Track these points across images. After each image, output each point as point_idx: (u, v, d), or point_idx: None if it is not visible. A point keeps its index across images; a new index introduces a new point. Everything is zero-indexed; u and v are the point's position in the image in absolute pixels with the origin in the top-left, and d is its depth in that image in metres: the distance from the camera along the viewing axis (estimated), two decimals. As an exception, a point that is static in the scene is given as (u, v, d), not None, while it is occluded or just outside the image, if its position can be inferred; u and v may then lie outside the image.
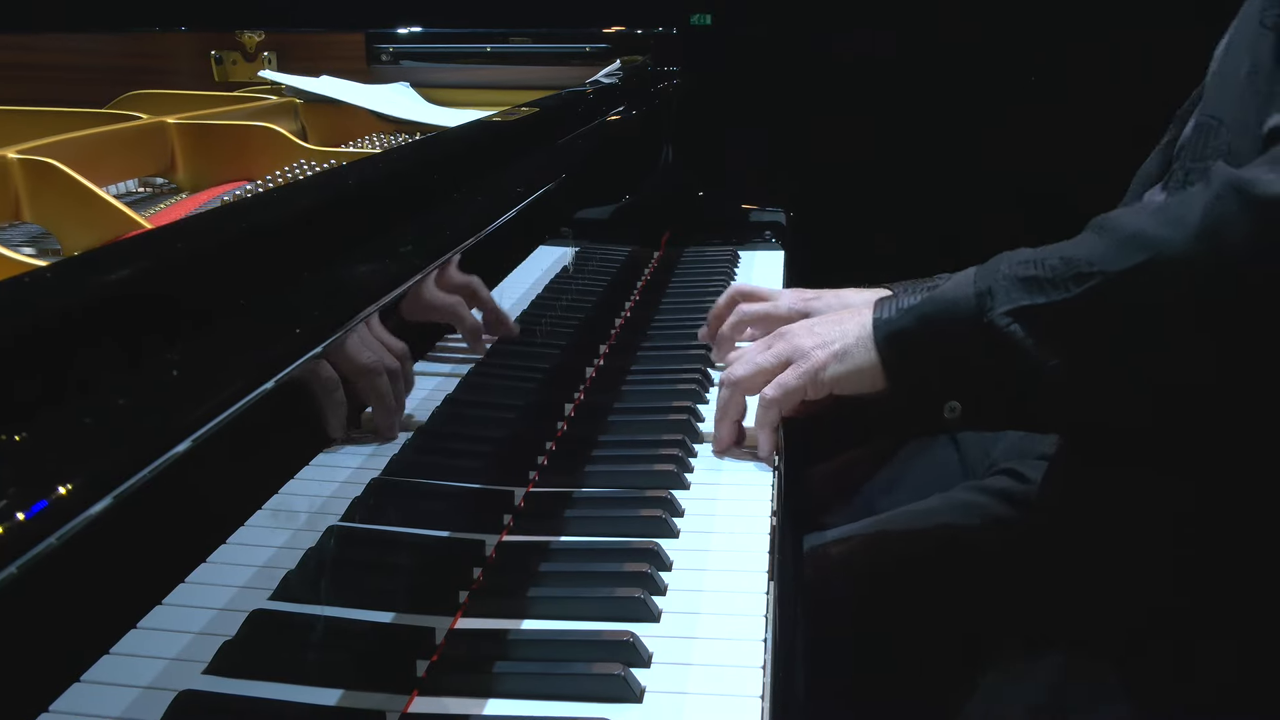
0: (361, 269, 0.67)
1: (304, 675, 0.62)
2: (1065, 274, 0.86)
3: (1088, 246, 0.86)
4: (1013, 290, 0.88)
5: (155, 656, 0.51)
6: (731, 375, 1.01)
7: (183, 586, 0.52)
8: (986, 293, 0.89)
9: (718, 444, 1.03)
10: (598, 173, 1.40)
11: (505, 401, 1.02)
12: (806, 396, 0.98)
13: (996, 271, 0.90)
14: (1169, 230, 0.82)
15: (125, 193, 1.18)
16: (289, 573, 0.61)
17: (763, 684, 0.69)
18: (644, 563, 0.81)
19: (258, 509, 0.58)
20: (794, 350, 0.98)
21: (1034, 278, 0.87)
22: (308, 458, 0.63)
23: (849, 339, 0.96)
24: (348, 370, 0.64)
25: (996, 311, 0.88)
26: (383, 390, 0.71)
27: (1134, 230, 0.84)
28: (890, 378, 0.94)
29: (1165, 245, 0.82)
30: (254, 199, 0.76)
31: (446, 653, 0.72)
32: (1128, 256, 0.83)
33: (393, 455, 0.73)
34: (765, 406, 0.98)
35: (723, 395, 1.02)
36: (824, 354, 0.96)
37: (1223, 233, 0.80)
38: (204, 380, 0.49)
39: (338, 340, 0.61)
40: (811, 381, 0.97)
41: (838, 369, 0.96)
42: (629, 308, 1.47)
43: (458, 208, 0.88)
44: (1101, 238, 0.86)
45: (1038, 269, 0.88)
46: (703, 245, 1.80)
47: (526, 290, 1.07)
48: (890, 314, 0.95)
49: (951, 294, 0.92)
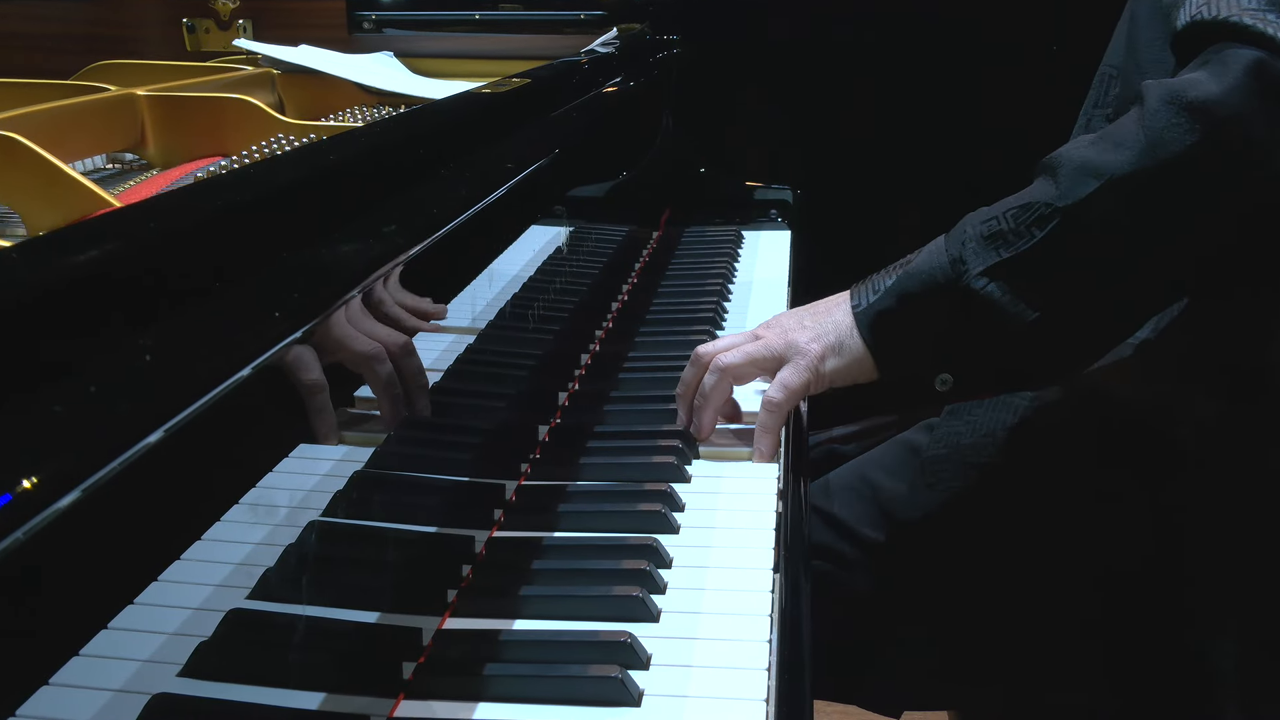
0: (343, 250, 0.67)
1: (284, 678, 0.63)
2: (1026, 220, 0.90)
3: (1040, 189, 0.91)
4: (981, 250, 0.92)
5: (127, 658, 0.51)
6: (722, 361, 1.01)
7: (156, 585, 0.52)
8: (959, 259, 0.93)
9: (700, 431, 1.02)
10: (593, 148, 1.40)
11: (496, 390, 1.02)
12: (809, 393, 0.99)
13: (963, 234, 0.94)
14: (1114, 154, 0.87)
15: (93, 169, 1.18)
16: (268, 570, 0.61)
17: (767, 687, 0.69)
18: (642, 559, 0.81)
19: (235, 502, 0.58)
20: (788, 346, 0.99)
21: (998, 232, 0.91)
22: (287, 449, 0.63)
23: (841, 329, 0.98)
24: (335, 357, 0.64)
25: (971, 274, 0.92)
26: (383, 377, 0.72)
27: (1080, 162, 0.89)
28: (880, 362, 0.97)
29: (1114, 167, 0.87)
30: (229, 176, 0.76)
31: (434, 654, 0.72)
32: (1080, 187, 0.88)
33: (377, 447, 0.74)
34: (772, 410, 0.98)
35: (709, 381, 1.01)
36: (820, 348, 0.98)
37: (1166, 142, 0.85)
38: (178, 366, 0.49)
39: (318, 325, 0.61)
40: (815, 377, 0.98)
41: (835, 361, 0.98)
42: (626, 291, 1.47)
43: (445, 185, 0.88)
44: (1051, 177, 0.91)
45: (1000, 223, 0.92)
46: (704, 225, 1.80)
47: (518, 272, 1.07)
48: (868, 299, 0.97)
49: (925, 266, 0.95)
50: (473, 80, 1.46)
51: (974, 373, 0.96)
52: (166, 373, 0.48)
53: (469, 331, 0.93)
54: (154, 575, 0.52)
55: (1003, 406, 1.10)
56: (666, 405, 1.08)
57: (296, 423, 0.63)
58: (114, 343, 0.48)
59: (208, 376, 0.50)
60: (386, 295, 0.72)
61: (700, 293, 1.44)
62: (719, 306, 1.39)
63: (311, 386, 0.62)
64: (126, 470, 0.44)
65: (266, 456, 0.61)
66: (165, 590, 0.52)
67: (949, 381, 0.95)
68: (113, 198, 0.91)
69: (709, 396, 1.01)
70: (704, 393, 1.01)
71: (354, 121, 1.39)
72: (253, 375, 0.53)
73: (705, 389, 1.01)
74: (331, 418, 0.66)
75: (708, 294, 1.43)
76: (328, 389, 0.64)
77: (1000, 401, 1.10)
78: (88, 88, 1.23)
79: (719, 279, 1.49)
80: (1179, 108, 0.84)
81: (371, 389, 0.71)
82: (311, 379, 0.62)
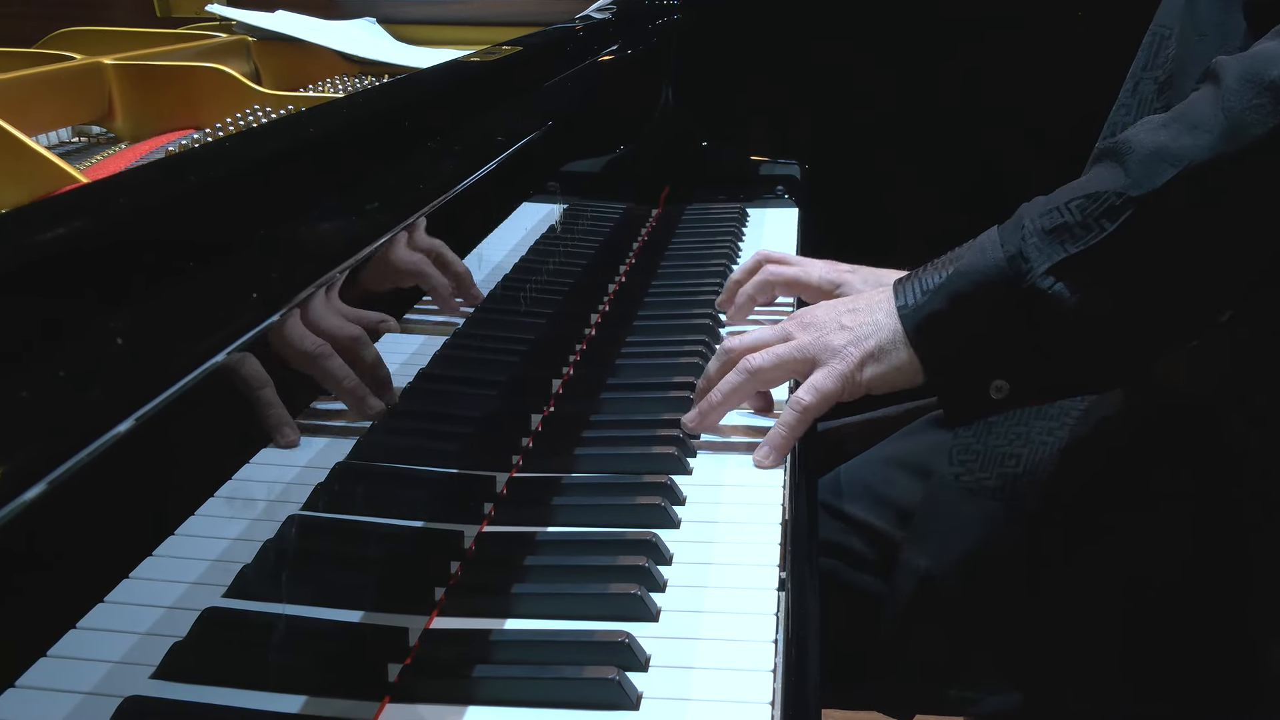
0: (324, 228, 0.68)
1: (262, 680, 0.63)
2: (1094, 211, 0.88)
3: (1109, 177, 0.88)
4: (1045, 246, 0.89)
5: (97, 660, 0.52)
6: (751, 363, 0.99)
7: (127, 582, 0.52)
8: (1018, 255, 0.90)
9: (701, 427, 1.01)
10: (588, 120, 1.40)
11: (486, 377, 1.02)
12: (841, 399, 0.97)
13: (1021, 229, 0.91)
14: (1190, 137, 0.85)
15: (58, 143, 1.18)
16: (245, 567, 0.61)
17: (773, 690, 0.70)
18: (641, 555, 0.81)
19: (210, 496, 0.59)
20: (823, 348, 0.97)
21: (1062, 225, 0.89)
22: (266, 439, 0.63)
23: (884, 333, 0.95)
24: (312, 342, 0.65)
25: (1037, 273, 0.89)
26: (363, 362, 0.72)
27: (1153, 147, 0.86)
28: (929, 369, 0.94)
29: (1192, 153, 0.84)
30: (202, 149, 0.76)
31: (421, 655, 0.73)
32: (1155, 175, 0.86)
33: (360, 437, 0.74)
34: (801, 413, 0.96)
35: (732, 379, 1.00)
36: (858, 352, 0.95)
37: (1248, 125, 0.83)
38: (151, 351, 0.49)
39: (299, 305, 0.62)
40: (850, 382, 0.96)
41: (876, 368, 0.95)
42: (623, 272, 1.47)
43: (431, 160, 0.88)
44: (1118, 163, 0.88)
45: (1063, 214, 0.89)
46: (707, 202, 1.80)
47: (509, 253, 1.07)
48: (915, 298, 0.95)
49: (979, 263, 0.92)
50: (460, 48, 1.46)
51: (1033, 378, 0.93)
52: (139, 357, 0.48)
53: (457, 315, 0.93)
54: (125, 572, 0.52)
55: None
56: (666, 393, 1.08)
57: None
58: (83, 326, 0.48)
59: (182, 361, 0.50)
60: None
61: (703, 274, 1.44)
62: (722, 289, 1.39)
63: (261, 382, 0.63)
64: (96, 461, 0.44)
65: (244, 446, 0.62)
66: (137, 588, 0.53)
67: (1004, 389, 0.93)
68: (79, 173, 0.91)
69: (727, 396, 1.00)
70: (724, 391, 1.00)
71: (334, 92, 1.39)
72: (230, 360, 0.54)
73: (725, 388, 1.00)
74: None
75: (710, 275, 1.43)
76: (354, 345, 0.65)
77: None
78: (51, 56, 1.23)
79: (722, 259, 1.50)
80: (1260, 87, 0.82)
81: (328, 387, 0.71)
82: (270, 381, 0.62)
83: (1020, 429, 1.08)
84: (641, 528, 0.86)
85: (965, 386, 0.94)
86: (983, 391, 0.93)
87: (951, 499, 1.10)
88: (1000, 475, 1.08)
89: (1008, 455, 1.08)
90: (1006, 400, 0.94)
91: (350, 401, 0.72)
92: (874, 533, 1.16)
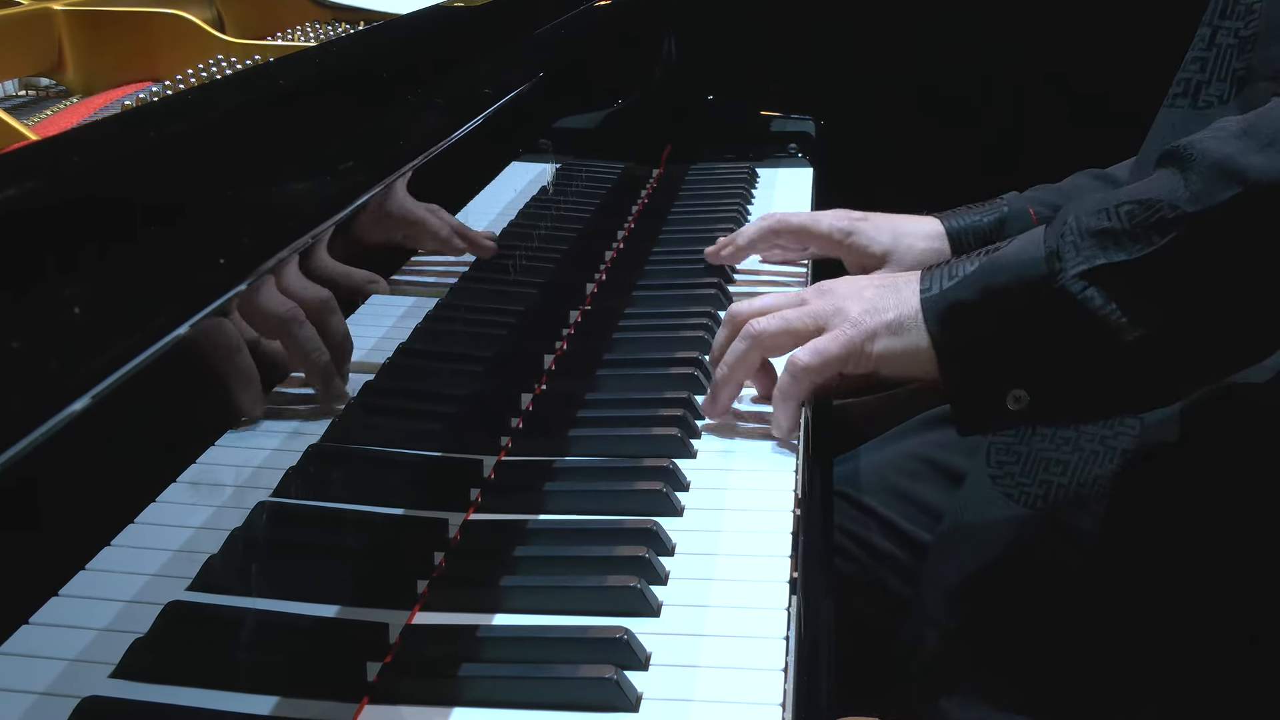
0: (296, 188, 0.68)
1: (230, 680, 0.63)
2: (1145, 221, 0.86)
3: (1166, 184, 0.86)
4: (1084, 247, 0.87)
5: (52, 657, 0.52)
6: (754, 327, 0.98)
7: (84, 574, 0.53)
8: (1056, 253, 0.89)
9: (715, 409, 1.01)
10: (584, 72, 1.39)
11: (472, 352, 1.02)
12: (845, 369, 0.96)
13: (1065, 224, 0.90)
14: (1261, 156, 0.83)
15: (3, 97, 1.18)
16: (211, 557, 0.62)
17: (784, 690, 0.70)
18: (641, 545, 0.82)
19: (173, 481, 0.59)
20: (835, 312, 0.96)
21: (1108, 230, 0.87)
22: (234, 419, 0.64)
23: (906, 309, 0.94)
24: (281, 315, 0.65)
25: (1067, 275, 0.87)
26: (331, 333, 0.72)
27: (1218, 159, 0.84)
28: (944, 362, 0.93)
29: (1260, 172, 0.82)
30: (161, 103, 0.76)
31: (402, 653, 0.73)
32: (1216, 191, 0.84)
33: (336, 417, 0.74)
34: (796, 376, 0.96)
35: (736, 348, 0.99)
36: (874, 321, 0.94)
37: None
38: (108, 322, 0.49)
39: (267, 273, 0.62)
40: (856, 352, 0.95)
41: (889, 343, 0.94)
42: (622, 238, 1.47)
43: (411, 115, 0.88)
44: (1181, 172, 0.86)
45: (1111, 218, 0.87)
46: (713, 161, 1.80)
47: (497, 216, 1.07)
48: (942, 284, 0.93)
49: (1017, 256, 0.91)
50: (443, -8, 1.46)
51: (1055, 393, 0.91)
52: (96, 329, 0.48)
53: (440, 285, 0.94)
54: (81, 564, 0.53)
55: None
56: (668, 370, 1.08)
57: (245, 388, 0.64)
58: (37, 295, 0.48)
59: (145, 333, 0.50)
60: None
61: (708, 240, 1.44)
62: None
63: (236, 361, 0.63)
64: (50, 442, 0.45)
65: (210, 427, 0.62)
66: (94, 580, 0.53)
67: (1023, 399, 0.91)
68: (27, 129, 0.91)
69: (733, 368, 0.99)
70: (729, 362, 0.99)
71: (305, 41, 1.38)
72: (195, 332, 0.54)
73: (731, 358, 0.99)
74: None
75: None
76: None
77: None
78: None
79: (729, 224, 1.49)
80: None
81: (292, 358, 0.71)
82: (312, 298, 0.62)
83: (1069, 432, 1.05)
84: (641, 515, 0.86)
85: (981, 390, 0.92)
86: (999, 399, 0.91)
87: (986, 505, 1.08)
88: (1043, 483, 1.05)
89: (1053, 461, 1.05)
90: (1024, 413, 0.92)
91: (314, 374, 0.72)
92: (897, 531, 1.15)
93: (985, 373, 0.92)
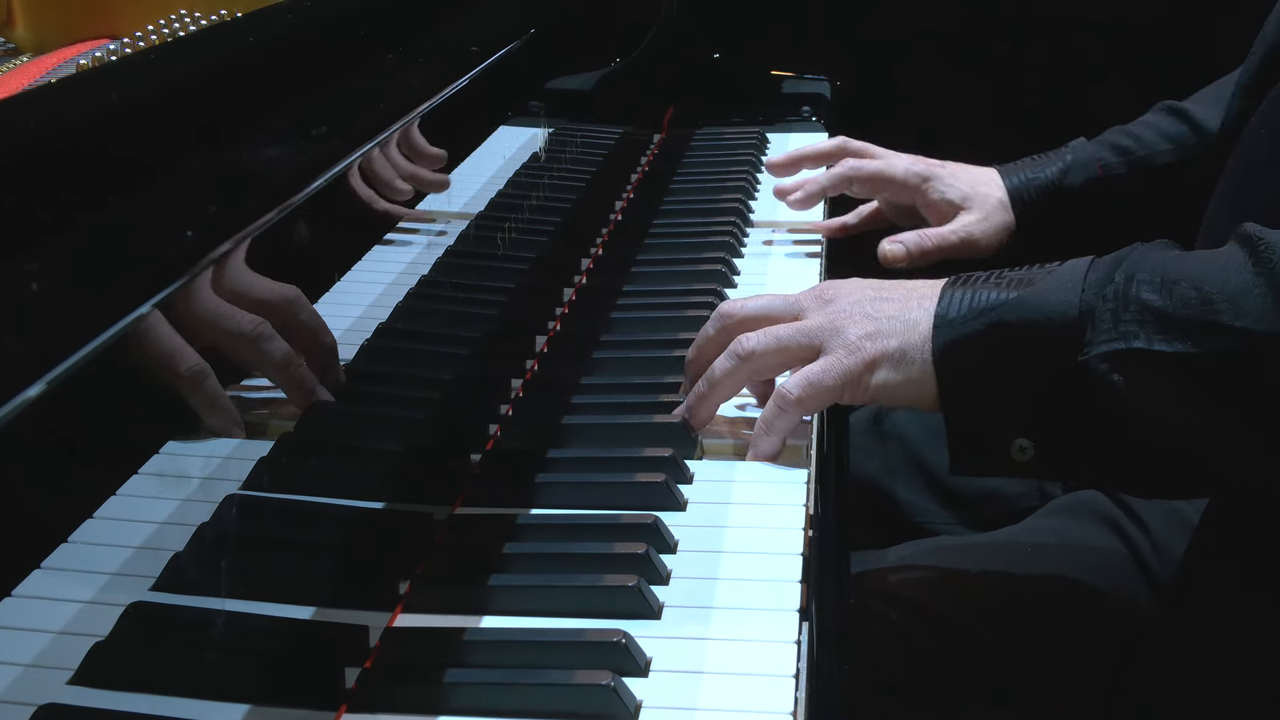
0: (266, 154, 0.68)
1: (198, 686, 0.64)
2: (1197, 316, 0.83)
3: (1234, 278, 0.83)
4: (1124, 320, 0.84)
5: (6, 663, 0.52)
6: (744, 345, 0.94)
7: (39, 573, 0.53)
8: (1090, 314, 0.86)
9: (693, 423, 0.96)
10: (578, 27, 1.39)
11: (457, 333, 1.02)
12: (841, 401, 0.93)
13: (1111, 280, 0.86)
14: None
15: (-53, 55, 1.18)
16: (177, 555, 0.62)
17: (794, 699, 0.70)
18: (640, 542, 0.82)
19: (134, 472, 0.59)
20: (833, 334, 0.92)
21: (1156, 308, 0.84)
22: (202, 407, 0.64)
23: (911, 336, 0.90)
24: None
25: (1095, 350, 0.85)
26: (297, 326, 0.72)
27: None
28: (945, 399, 0.90)
29: None
30: (119, 63, 0.76)
31: (383, 658, 0.73)
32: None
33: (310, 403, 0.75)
34: (784, 409, 0.92)
35: (721, 365, 0.94)
36: (874, 349, 0.90)
37: None
38: (67, 300, 0.49)
39: (238, 244, 0.62)
40: (853, 383, 0.91)
41: (890, 375, 0.90)
42: (620, 208, 1.47)
43: (393, 74, 0.88)
44: (1253, 269, 0.83)
45: (1163, 294, 0.84)
46: (720, 125, 1.80)
47: (484, 185, 1.07)
48: (959, 310, 0.90)
49: (1046, 299, 0.87)
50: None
51: (1064, 453, 0.89)
52: (55, 306, 0.48)
53: (422, 260, 0.94)
54: (36, 562, 0.53)
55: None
56: (671, 352, 1.08)
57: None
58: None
59: (106, 311, 0.50)
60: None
61: (714, 211, 1.45)
62: (737, 228, 1.40)
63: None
64: (3, 430, 0.45)
65: (175, 414, 0.62)
66: (50, 580, 0.53)
67: (1028, 451, 0.88)
68: (-26, 91, 0.91)
69: (715, 385, 0.95)
70: (712, 378, 0.95)
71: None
72: (159, 310, 0.54)
73: (715, 374, 0.95)
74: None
75: (723, 212, 1.43)
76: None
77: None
78: (-63, -49, 1.22)
79: (738, 194, 1.50)
80: None
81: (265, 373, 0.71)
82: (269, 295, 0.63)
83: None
84: (641, 509, 0.86)
85: (983, 437, 0.90)
86: (1002, 448, 0.89)
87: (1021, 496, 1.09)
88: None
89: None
90: (1030, 466, 0.89)
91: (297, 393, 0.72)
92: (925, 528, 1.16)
93: (988, 421, 0.90)
